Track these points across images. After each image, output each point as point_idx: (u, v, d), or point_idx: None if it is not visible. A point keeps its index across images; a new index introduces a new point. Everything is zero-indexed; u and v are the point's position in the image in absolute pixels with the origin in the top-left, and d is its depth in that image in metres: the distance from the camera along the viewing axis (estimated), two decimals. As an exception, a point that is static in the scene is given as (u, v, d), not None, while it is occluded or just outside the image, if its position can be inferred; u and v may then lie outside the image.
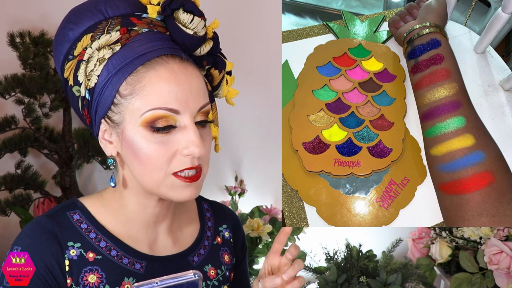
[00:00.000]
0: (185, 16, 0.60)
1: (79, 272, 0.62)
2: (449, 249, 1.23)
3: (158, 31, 0.61)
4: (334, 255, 1.28)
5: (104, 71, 0.58)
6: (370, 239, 1.49)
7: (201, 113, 0.61)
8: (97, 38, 0.59)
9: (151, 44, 0.59)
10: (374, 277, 1.20)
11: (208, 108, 0.62)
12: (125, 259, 0.65)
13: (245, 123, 1.57)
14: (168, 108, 0.57)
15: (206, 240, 0.74)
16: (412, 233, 1.36)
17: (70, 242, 0.63)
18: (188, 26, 0.60)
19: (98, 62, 0.59)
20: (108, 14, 0.61)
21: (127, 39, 0.59)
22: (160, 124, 0.58)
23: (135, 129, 0.58)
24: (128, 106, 0.58)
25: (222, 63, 0.67)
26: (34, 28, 1.31)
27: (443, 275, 1.29)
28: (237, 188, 1.59)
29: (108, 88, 0.58)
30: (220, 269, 0.74)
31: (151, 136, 0.58)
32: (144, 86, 0.58)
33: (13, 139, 1.29)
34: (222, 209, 0.80)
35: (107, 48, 0.59)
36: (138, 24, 0.60)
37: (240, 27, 1.51)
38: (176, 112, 0.58)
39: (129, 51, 0.58)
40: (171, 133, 0.59)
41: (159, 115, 0.57)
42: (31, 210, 1.32)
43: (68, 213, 0.65)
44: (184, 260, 0.70)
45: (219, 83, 0.68)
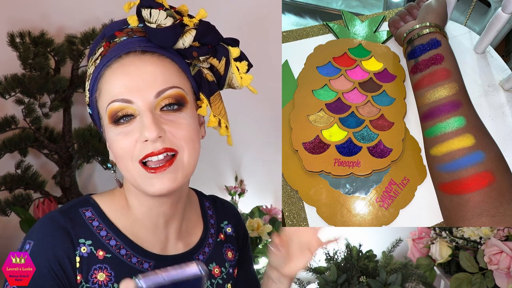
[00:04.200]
0: (145, 12, 0.61)
1: (89, 269, 0.63)
2: (449, 249, 1.22)
3: (138, 36, 0.63)
4: (334, 255, 1.28)
5: (90, 84, 0.63)
6: (370, 239, 1.49)
7: (164, 98, 0.60)
8: (92, 58, 0.65)
9: (119, 48, 0.61)
10: (374, 277, 1.20)
11: (174, 92, 0.61)
12: (133, 258, 0.66)
13: (245, 123, 1.57)
14: (120, 98, 0.59)
15: (210, 238, 0.75)
16: (412, 233, 1.36)
17: (81, 239, 0.63)
18: (150, 21, 0.61)
19: (88, 78, 0.64)
20: (105, 35, 0.66)
21: (106, 51, 0.62)
22: (118, 116, 0.60)
23: (108, 128, 0.62)
24: (99, 108, 0.62)
25: (222, 50, 0.66)
26: (34, 28, 1.31)
27: (443, 275, 1.29)
28: (237, 188, 1.59)
29: (93, 98, 0.63)
30: (224, 267, 0.74)
31: (115, 130, 0.60)
32: (103, 85, 0.61)
33: (13, 139, 1.29)
34: (222, 204, 0.80)
35: (93, 63, 0.63)
36: (119, 35, 0.63)
37: (240, 27, 1.51)
38: (129, 102, 0.59)
39: (102, 60, 0.62)
40: (132, 124, 0.60)
41: (115, 107, 0.60)
42: (31, 210, 1.32)
43: (81, 209, 0.66)
44: (191, 259, 0.70)
45: (225, 72, 0.67)
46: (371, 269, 1.22)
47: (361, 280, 1.18)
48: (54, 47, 1.30)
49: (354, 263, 1.23)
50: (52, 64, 1.32)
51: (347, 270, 1.22)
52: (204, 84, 0.66)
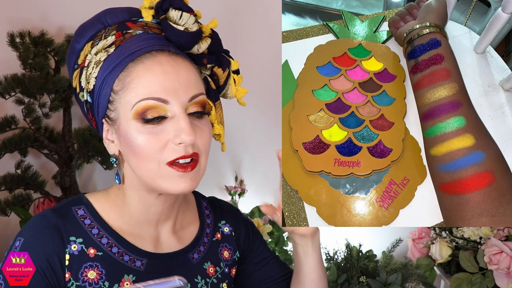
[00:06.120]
0: (175, 13, 0.61)
1: (79, 267, 0.63)
2: (449, 249, 1.22)
3: (153, 32, 0.63)
4: (334, 255, 1.28)
5: (100, 72, 0.61)
6: (370, 239, 1.49)
7: (194, 104, 0.61)
8: (96, 44, 0.63)
9: (142, 43, 0.61)
10: (374, 277, 1.20)
11: (202, 98, 0.62)
12: (126, 256, 0.66)
13: (245, 123, 1.57)
14: (156, 97, 0.59)
15: (205, 237, 0.75)
16: (412, 233, 1.36)
17: (72, 237, 0.64)
18: (178, 23, 0.62)
19: (95, 65, 0.61)
20: (108, 22, 0.64)
21: (121, 41, 0.61)
22: (150, 115, 0.59)
23: (128, 123, 0.60)
24: (120, 101, 0.60)
25: (226, 61, 0.68)
26: (34, 28, 1.31)
27: (443, 275, 1.29)
28: (237, 188, 1.59)
29: (104, 87, 0.61)
30: (218, 266, 0.75)
31: (142, 128, 0.59)
32: (132, 79, 0.59)
33: (13, 139, 1.29)
34: (220, 205, 0.81)
35: (103, 51, 0.61)
36: (133, 28, 0.63)
37: (240, 27, 1.51)
38: (165, 102, 0.59)
39: (121, 51, 0.60)
40: (162, 124, 0.60)
41: (148, 105, 0.59)
42: (31, 210, 1.32)
43: (73, 208, 0.66)
44: (185, 257, 0.71)
45: (225, 82, 0.69)
46: (371, 269, 1.22)
47: (361, 280, 1.18)
48: (54, 47, 1.30)
49: (354, 263, 1.23)
50: (52, 64, 1.32)
51: (347, 270, 1.22)
52: (210, 91, 0.68)
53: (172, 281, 0.49)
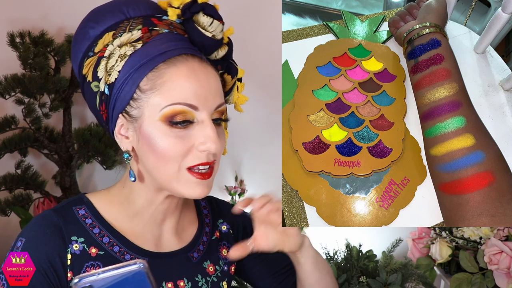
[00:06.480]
0: (205, 19, 0.62)
1: (81, 266, 0.63)
2: (449, 249, 1.22)
3: (178, 32, 0.63)
4: (334, 255, 1.28)
5: (126, 67, 0.60)
6: (370, 239, 1.49)
7: (217, 112, 0.63)
8: (119, 36, 0.62)
9: (171, 43, 0.61)
10: (374, 277, 1.20)
11: (224, 107, 0.64)
12: (127, 255, 0.66)
13: (245, 123, 1.57)
14: (188, 103, 0.60)
15: (204, 236, 0.75)
16: (412, 233, 1.36)
17: (73, 237, 0.64)
18: (207, 29, 0.62)
19: (120, 58, 0.60)
20: (130, 14, 0.64)
21: (148, 38, 0.61)
22: (178, 119, 0.60)
23: (154, 123, 0.60)
24: (148, 101, 0.60)
25: (234, 69, 0.69)
26: (34, 28, 1.31)
27: (443, 275, 1.29)
28: (237, 188, 1.59)
29: (128, 83, 0.60)
30: (218, 265, 0.75)
31: (169, 130, 0.60)
32: (164, 82, 0.60)
33: (13, 139, 1.29)
34: (217, 204, 0.82)
35: (128, 45, 0.61)
36: (159, 25, 0.62)
37: (240, 27, 1.51)
38: (195, 108, 0.60)
39: (150, 48, 0.60)
40: (188, 129, 0.61)
41: (178, 110, 0.59)
42: (31, 210, 1.32)
43: (74, 208, 0.66)
44: (185, 256, 0.71)
45: (230, 89, 0.71)
46: (371, 269, 1.22)
47: (361, 280, 1.18)
48: (54, 47, 1.30)
49: (354, 263, 1.23)
50: (52, 64, 1.32)
51: (347, 270, 1.22)
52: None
53: (130, 263, 0.47)
